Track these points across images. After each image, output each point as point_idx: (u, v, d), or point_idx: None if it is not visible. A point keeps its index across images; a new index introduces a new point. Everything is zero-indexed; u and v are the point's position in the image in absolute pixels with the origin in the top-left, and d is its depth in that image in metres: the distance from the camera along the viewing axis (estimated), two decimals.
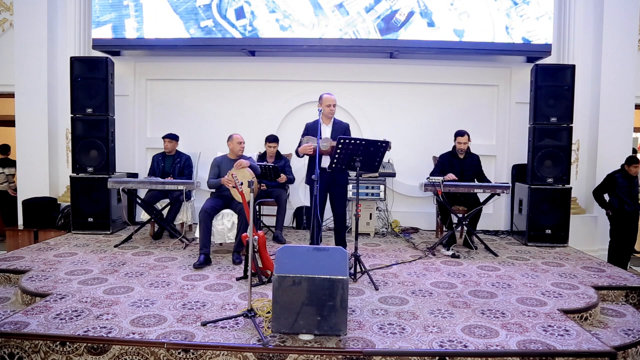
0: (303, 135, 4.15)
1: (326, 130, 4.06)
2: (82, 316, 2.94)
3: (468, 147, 5.06)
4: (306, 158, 4.14)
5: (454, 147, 5.07)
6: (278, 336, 2.70)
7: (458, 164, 5.02)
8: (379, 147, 3.67)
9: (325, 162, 3.90)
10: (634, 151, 6.15)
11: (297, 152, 4.13)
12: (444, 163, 5.06)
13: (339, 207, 4.11)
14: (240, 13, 5.54)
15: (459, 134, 5.00)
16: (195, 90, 6.07)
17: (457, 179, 4.75)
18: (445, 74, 5.89)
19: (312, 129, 4.12)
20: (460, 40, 5.49)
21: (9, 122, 6.56)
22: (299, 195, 5.97)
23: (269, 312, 2.86)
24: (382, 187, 5.39)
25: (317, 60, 5.86)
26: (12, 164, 6.97)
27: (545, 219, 5.10)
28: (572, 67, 5.14)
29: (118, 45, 5.74)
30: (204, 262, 4.08)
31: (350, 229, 5.38)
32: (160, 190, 5.01)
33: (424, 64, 5.90)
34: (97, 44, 5.64)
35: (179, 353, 2.58)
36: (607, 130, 5.70)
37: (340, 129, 4.10)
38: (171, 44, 5.64)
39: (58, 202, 5.90)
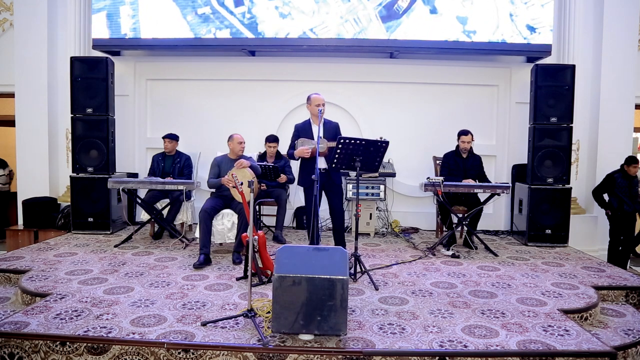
0: (294, 137, 4.14)
1: (318, 131, 4.02)
2: (82, 316, 2.94)
3: (471, 147, 5.06)
4: (299, 159, 4.13)
5: (457, 146, 5.07)
6: (278, 336, 2.70)
7: (461, 163, 5.03)
8: (379, 147, 3.68)
9: (320, 163, 3.89)
10: None
11: (291, 155, 4.12)
12: (449, 162, 5.06)
13: (336, 205, 4.11)
14: (238, 0, 5.46)
15: (463, 133, 5.01)
16: (195, 90, 6.07)
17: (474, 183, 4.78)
18: (445, 74, 5.89)
19: (303, 130, 4.11)
20: (464, 27, 5.42)
21: (9, 122, 6.56)
22: (299, 195, 5.97)
23: (269, 312, 2.86)
24: (382, 187, 5.38)
25: (317, 60, 5.86)
26: (3, 164, 6.94)
27: (545, 219, 5.10)
28: (572, 67, 5.14)
29: (118, 45, 5.73)
30: (204, 262, 4.08)
31: (350, 229, 5.39)
32: (160, 190, 5.01)
33: (424, 64, 5.89)
34: (97, 44, 5.63)
35: (179, 353, 2.58)
36: (607, 130, 5.71)
37: (332, 129, 4.10)
38: (171, 44, 5.62)
39: (58, 202, 5.90)
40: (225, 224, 4.40)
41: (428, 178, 4.61)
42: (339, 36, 5.51)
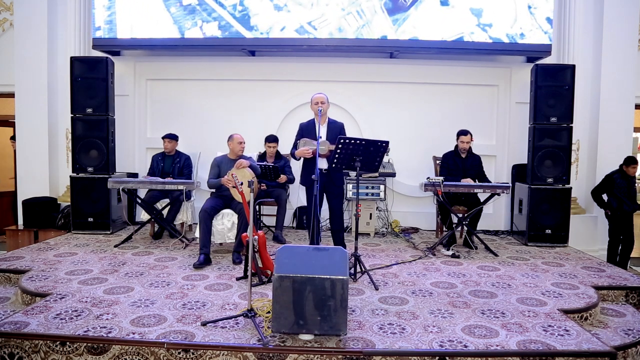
0: (298, 135, 4.13)
1: (321, 131, 4.00)
2: (82, 316, 2.94)
3: (470, 147, 5.07)
4: (302, 158, 4.13)
5: (456, 146, 5.07)
6: (278, 336, 2.70)
7: (460, 163, 5.03)
8: (379, 147, 3.67)
9: (322, 164, 3.89)
10: None
11: (293, 154, 4.12)
12: (448, 162, 5.06)
13: (335, 207, 4.10)
14: None
15: (462, 133, 5.01)
16: (195, 90, 6.07)
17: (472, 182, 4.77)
18: (445, 74, 5.89)
19: (306, 130, 4.09)
20: (478, 20, 5.30)
21: (9, 122, 6.56)
22: (299, 195, 5.97)
23: (269, 312, 2.86)
24: (382, 187, 5.38)
25: (318, 60, 5.86)
26: None
27: (545, 219, 5.10)
28: (572, 67, 5.14)
29: (118, 45, 5.73)
30: (204, 262, 4.08)
31: (350, 228, 5.39)
32: (160, 190, 5.01)
33: (424, 64, 5.89)
34: (97, 44, 5.64)
35: (179, 353, 2.58)
36: (607, 130, 5.71)
37: (336, 129, 4.07)
38: (171, 44, 5.62)
39: (58, 202, 5.90)
40: (225, 224, 4.40)
41: (428, 178, 4.60)
42: (340, 30, 5.38)
